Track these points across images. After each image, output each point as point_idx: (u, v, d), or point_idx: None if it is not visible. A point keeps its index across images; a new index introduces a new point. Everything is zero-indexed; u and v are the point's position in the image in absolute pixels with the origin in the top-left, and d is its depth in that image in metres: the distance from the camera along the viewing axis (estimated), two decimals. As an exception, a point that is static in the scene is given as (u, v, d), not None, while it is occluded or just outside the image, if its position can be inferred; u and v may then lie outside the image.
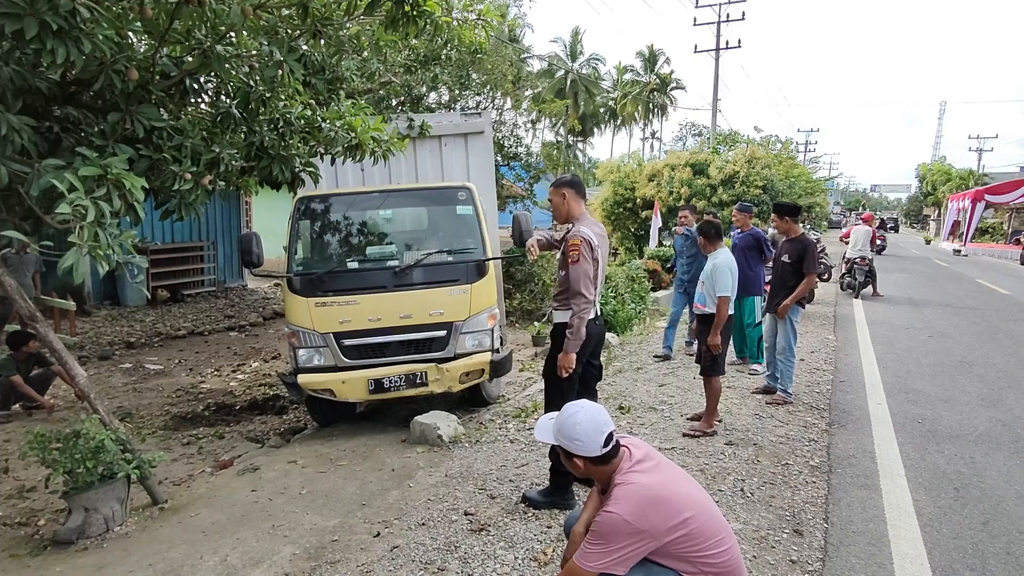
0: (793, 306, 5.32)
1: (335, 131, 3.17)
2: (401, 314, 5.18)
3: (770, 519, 3.35)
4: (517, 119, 15.07)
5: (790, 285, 5.33)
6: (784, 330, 5.36)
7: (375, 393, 5.16)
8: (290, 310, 5.29)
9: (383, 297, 5.17)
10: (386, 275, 5.29)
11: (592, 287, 3.39)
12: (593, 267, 3.40)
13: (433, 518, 3.53)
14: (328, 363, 5.16)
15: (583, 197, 3.64)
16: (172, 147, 2.67)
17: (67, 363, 3.53)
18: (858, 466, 4.06)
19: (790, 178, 22.64)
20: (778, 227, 5.65)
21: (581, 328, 3.38)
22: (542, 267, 12.33)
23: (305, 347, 5.16)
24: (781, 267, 5.44)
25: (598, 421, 2.09)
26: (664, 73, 51.21)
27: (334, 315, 5.11)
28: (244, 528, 3.68)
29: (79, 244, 2.08)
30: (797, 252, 5.32)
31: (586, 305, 3.35)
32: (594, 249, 3.40)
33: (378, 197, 5.83)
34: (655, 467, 2.12)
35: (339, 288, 5.19)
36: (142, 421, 6.48)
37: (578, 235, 3.40)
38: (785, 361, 5.40)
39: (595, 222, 3.65)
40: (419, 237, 5.93)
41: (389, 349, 5.23)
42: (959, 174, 42.21)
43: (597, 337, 3.64)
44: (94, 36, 2.22)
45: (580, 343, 3.39)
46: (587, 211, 3.65)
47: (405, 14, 3.00)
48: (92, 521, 3.64)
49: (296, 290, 5.21)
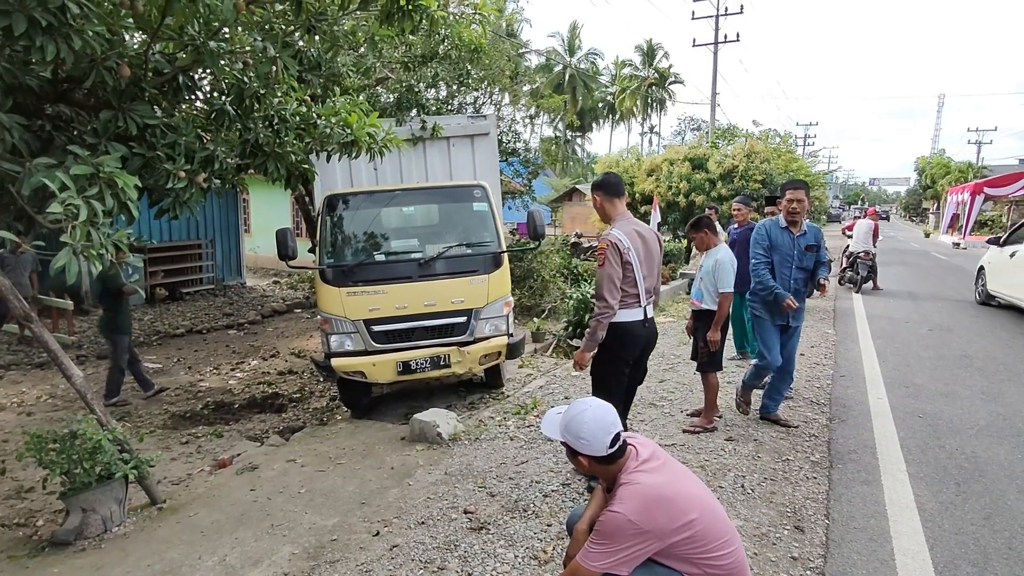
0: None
1: (330, 127, 3.14)
2: (426, 302, 5.63)
3: (771, 515, 3.33)
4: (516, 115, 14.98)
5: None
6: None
7: (403, 374, 5.62)
8: (322, 299, 5.71)
9: (409, 286, 5.63)
10: (411, 266, 5.74)
11: (616, 292, 3.32)
12: (622, 270, 3.32)
13: (433, 516, 3.51)
14: (359, 348, 5.59)
15: (617, 195, 3.56)
16: (166, 145, 2.64)
17: (63, 363, 3.51)
18: (859, 461, 4.05)
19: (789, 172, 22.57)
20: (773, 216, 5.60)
21: (598, 330, 3.36)
22: (541, 263, 12.30)
23: (337, 333, 5.58)
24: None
25: (605, 421, 2.06)
26: (663, 67, 51.06)
27: (364, 303, 5.54)
28: (243, 528, 3.66)
29: (71, 244, 2.05)
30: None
31: (606, 310, 3.31)
32: (623, 252, 3.31)
33: (400, 195, 6.25)
34: (661, 466, 2.09)
35: (368, 278, 5.62)
36: (140, 420, 6.45)
37: (607, 238, 3.36)
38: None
39: (634, 221, 3.55)
40: (439, 231, 6.28)
41: (415, 334, 5.68)
42: (958, 167, 42.13)
43: (644, 339, 3.55)
44: (84, 32, 2.18)
45: (595, 344, 3.39)
46: (625, 209, 3.57)
47: (400, 8, 2.97)
48: (90, 522, 3.63)
49: (328, 280, 5.64)
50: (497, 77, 12.19)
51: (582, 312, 8.94)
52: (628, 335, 3.45)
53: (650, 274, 3.49)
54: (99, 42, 2.30)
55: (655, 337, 3.70)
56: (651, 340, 3.65)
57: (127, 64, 2.48)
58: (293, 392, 7.38)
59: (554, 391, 5.97)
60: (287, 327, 11.27)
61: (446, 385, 7.02)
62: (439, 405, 6.19)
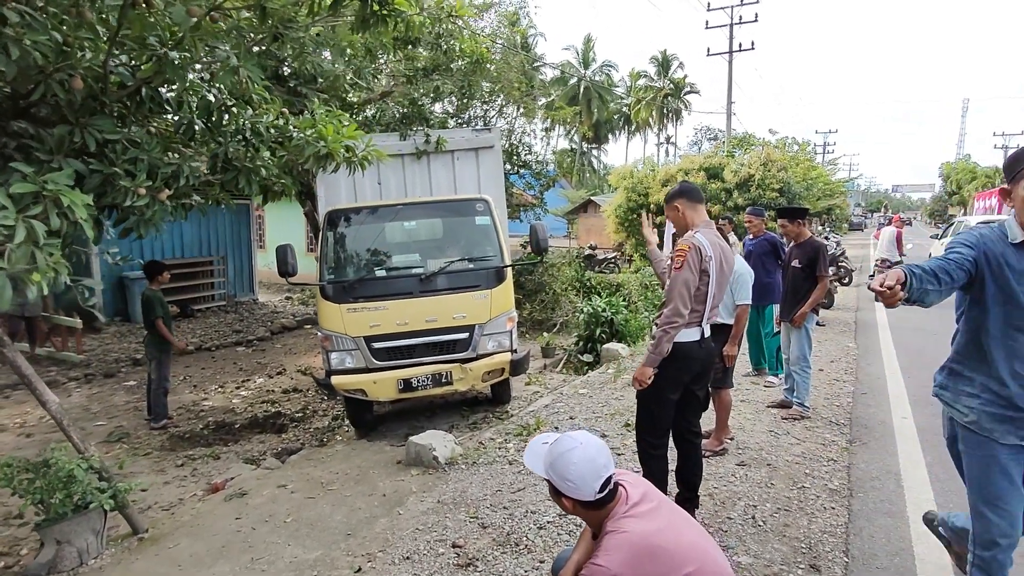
0: (808, 313, 5.04)
1: (303, 139, 2.99)
2: (427, 318, 5.51)
3: (784, 552, 3.06)
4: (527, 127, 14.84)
5: (803, 291, 5.04)
6: (798, 339, 5.06)
7: (404, 392, 5.49)
8: (323, 316, 5.65)
9: (410, 302, 5.52)
10: (412, 282, 5.62)
11: (689, 301, 2.94)
12: (698, 279, 2.96)
13: (419, 550, 3.30)
14: (359, 365, 5.48)
15: (699, 202, 3.19)
16: (126, 160, 2.51)
17: (37, 389, 3.38)
18: (882, 489, 3.74)
19: (808, 180, 22.14)
20: (787, 231, 5.37)
21: (663, 342, 2.94)
22: (552, 276, 12.10)
23: (337, 350, 5.49)
24: (792, 273, 5.15)
25: (596, 464, 1.81)
26: (678, 78, 50.77)
27: (364, 320, 5.44)
28: (222, 561, 3.48)
29: (5, 268, 1.90)
30: (808, 256, 5.04)
31: (675, 319, 2.90)
32: (705, 259, 2.96)
33: (401, 209, 6.14)
34: (653, 511, 1.85)
35: (368, 294, 5.53)
36: (139, 441, 6.34)
37: (689, 240, 3.01)
38: (800, 372, 5.10)
39: (716, 232, 3.17)
40: (441, 246, 6.19)
41: (416, 351, 5.56)
42: (985, 172, 41.10)
43: (700, 363, 3.14)
44: (22, 42, 2.05)
45: (659, 358, 2.97)
46: (708, 218, 3.20)
47: (374, 13, 2.82)
48: (64, 554, 3.48)
49: (328, 297, 5.58)
50: (507, 90, 12.08)
51: (593, 327, 8.71)
52: (681, 357, 3.04)
53: (719, 292, 3.11)
54: (46, 52, 2.17)
55: (713, 359, 3.34)
56: (708, 362, 3.26)
57: (80, 76, 2.36)
58: (296, 411, 7.23)
59: (559, 411, 5.73)
60: (295, 343, 11.19)
61: (450, 403, 6.82)
62: (441, 424, 6.01)
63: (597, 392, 6.26)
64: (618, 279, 14.06)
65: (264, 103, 2.93)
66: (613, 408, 5.63)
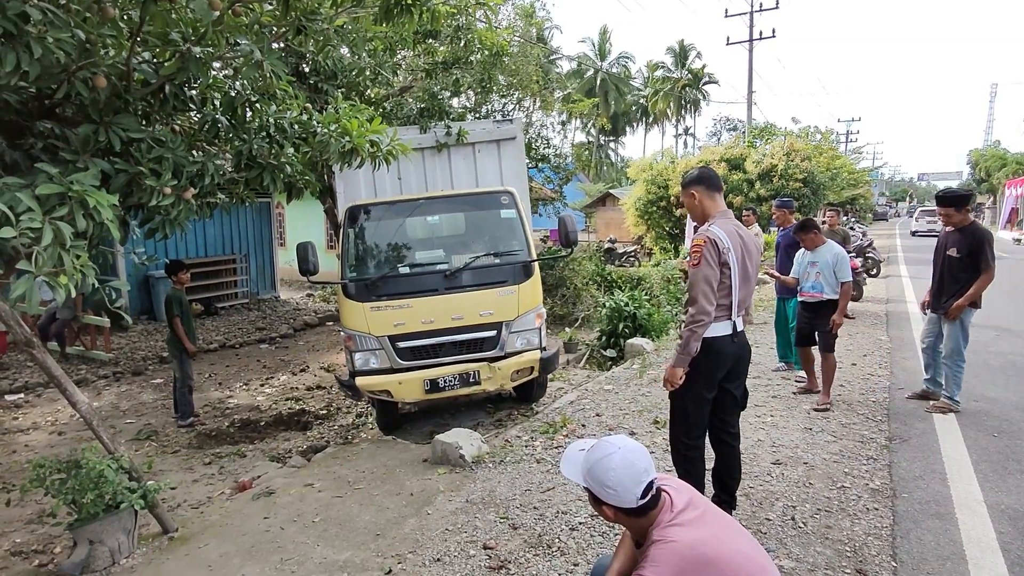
0: (967, 307, 4.75)
1: (328, 135, 2.94)
2: (453, 315, 5.35)
3: (828, 555, 2.95)
4: (545, 120, 14.70)
5: (962, 282, 4.72)
6: (954, 332, 4.81)
7: (431, 393, 5.33)
8: (345, 315, 5.49)
9: (435, 300, 5.35)
10: (437, 278, 5.46)
11: (713, 296, 2.87)
12: (719, 272, 2.89)
13: (450, 552, 3.25)
14: (384, 365, 5.34)
15: (718, 190, 3.10)
16: (152, 160, 2.47)
17: (67, 390, 3.39)
18: (927, 490, 3.60)
19: (832, 170, 21.69)
20: (950, 220, 4.82)
21: (691, 341, 2.87)
22: (573, 271, 11.96)
23: (361, 350, 5.34)
24: (947, 262, 4.82)
25: (636, 468, 1.74)
26: (696, 68, 50.08)
27: (388, 319, 5.29)
28: (252, 562, 3.46)
29: (31, 271, 1.87)
30: (969, 245, 4.68)
31: (701, 316, 2.84)
32: (722, 251, 2.88)
33: (424, 203, 5.96)
34: (699, 518, 1.76)
35: (392, 292, 5.38)
36: (167, 439, 6.40)
37: (704, 234, 2.92)
38: (953, 365, 4.87)
39: (735, 220, 3.08)
40: (466, 241, 6.02)
41: (442, 350, 5.41)
42: (1015, 158, 39.86)
43: (733, 358, 3.06)
44: (45, 40, 2.02)
45: (688, 357, 2.91)
46: (725, 206, 3.10)
47: (399, 3, 2.75)
48: (97, 554, 3.48)
49: (351, 295, 5.43)
50: (525, 83, 11.97)
51: (616, 321, 8.59)
52: (713, 352, 2.96)
53: (745, 283, 3.00)
54: (68, 50, 2.14)
55: (747, 354, 3.21)
56: (742, 358, 3.15)
57: (103, 74, 2.33)
58: (320, 408, 7.24)
59: (585, 408, 5.64)
60: (318, 340, 11.23)
61: (474, 400, 6.77)
62: (465, 422, 5.95)
63: (623, 388, 6.16)
64: (639, 273, 13.89)
65: (288, 99, 2.89)
66: (640, 405, 5.53)
